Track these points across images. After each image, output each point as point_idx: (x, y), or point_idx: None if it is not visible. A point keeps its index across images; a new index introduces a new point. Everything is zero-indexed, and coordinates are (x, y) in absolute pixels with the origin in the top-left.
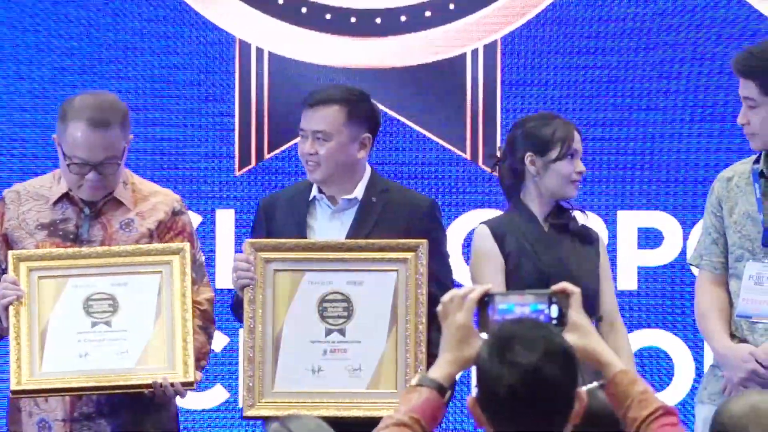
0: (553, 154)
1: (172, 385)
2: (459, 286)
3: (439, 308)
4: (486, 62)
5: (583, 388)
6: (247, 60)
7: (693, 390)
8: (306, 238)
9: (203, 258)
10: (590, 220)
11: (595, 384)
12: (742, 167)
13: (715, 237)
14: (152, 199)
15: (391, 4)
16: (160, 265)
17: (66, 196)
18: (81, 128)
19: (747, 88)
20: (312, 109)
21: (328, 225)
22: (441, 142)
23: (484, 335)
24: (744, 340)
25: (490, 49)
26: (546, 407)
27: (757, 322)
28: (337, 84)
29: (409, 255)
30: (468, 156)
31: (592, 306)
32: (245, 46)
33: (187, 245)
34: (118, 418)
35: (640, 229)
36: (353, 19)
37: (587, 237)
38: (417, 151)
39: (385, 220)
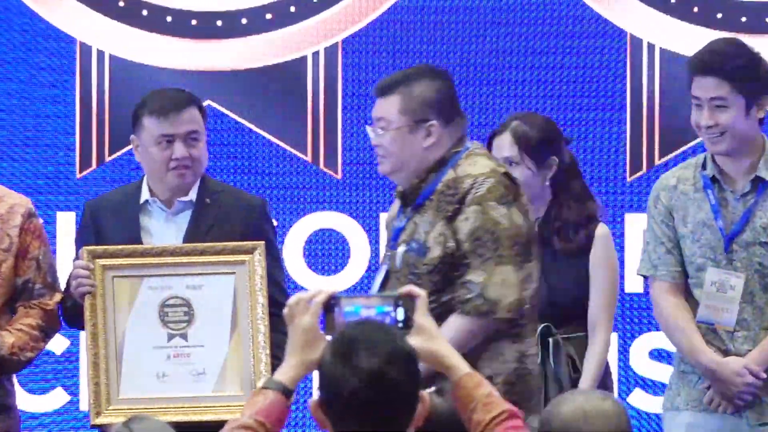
0: None
1: None
2: (300, 287)
3: (285, 311)
4: (327, 64)
5: (424, 392)
6: (87, 62)
7: None
8: (141, 241)
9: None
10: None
11: (432, 388)
12: (685, 172)
13: (670, 246)
14: (7, 200)
15: (232, 7)
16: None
17: None
18: None
19: (717, 87)
20: (176, 113)
21: (164, 228)
22: (282, 144)
23: (330, 338)
24: (726, 351)
25: (331, 51)
26: (388, 410)
27: (734, 331)
28: (171, 88)
29: (246, 257)
30: (309, 158)
31: (578, 316)
32: (86, 48)
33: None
34: None
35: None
36: (194, 22)
37: (575, 250)
38: (258, 153)
39: (221, 221)
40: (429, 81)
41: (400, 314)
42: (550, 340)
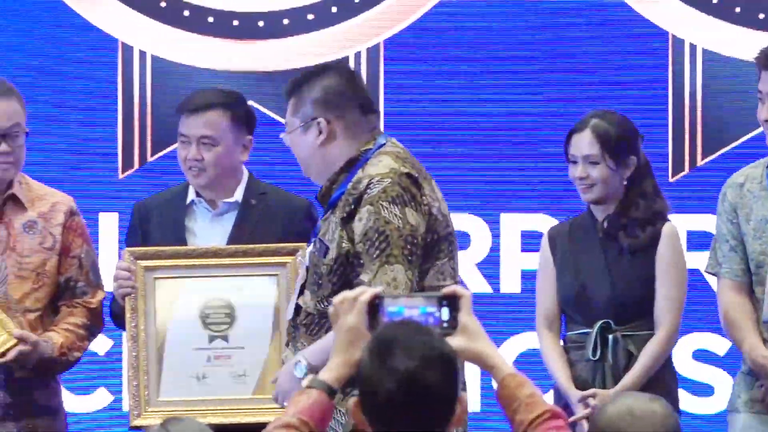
0: None
1: None
2: None
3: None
4: (369, 65)
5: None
6: (129, 63)
7: None
8: (185, 242)
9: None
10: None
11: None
12: (754, 171)
13: (734, 244)
14: (49, 198)
15: (274, 8)
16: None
17: None
18: None
19: None
20: (194, 115)
21: (210, 229)
22: None
23: None
24: None
25: (373, 52)
26: (425, 412)
27: None
28: (212, 88)
29: (289, 259)
30: None
31: (644, 314)
32: (128, 49)
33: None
34: (21, 421)
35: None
36: (236, 23)
37: (642, 246)
38: None
39: (265, 222)
40: (317, 79)
41: (445, 314)
42: (610, 336)
